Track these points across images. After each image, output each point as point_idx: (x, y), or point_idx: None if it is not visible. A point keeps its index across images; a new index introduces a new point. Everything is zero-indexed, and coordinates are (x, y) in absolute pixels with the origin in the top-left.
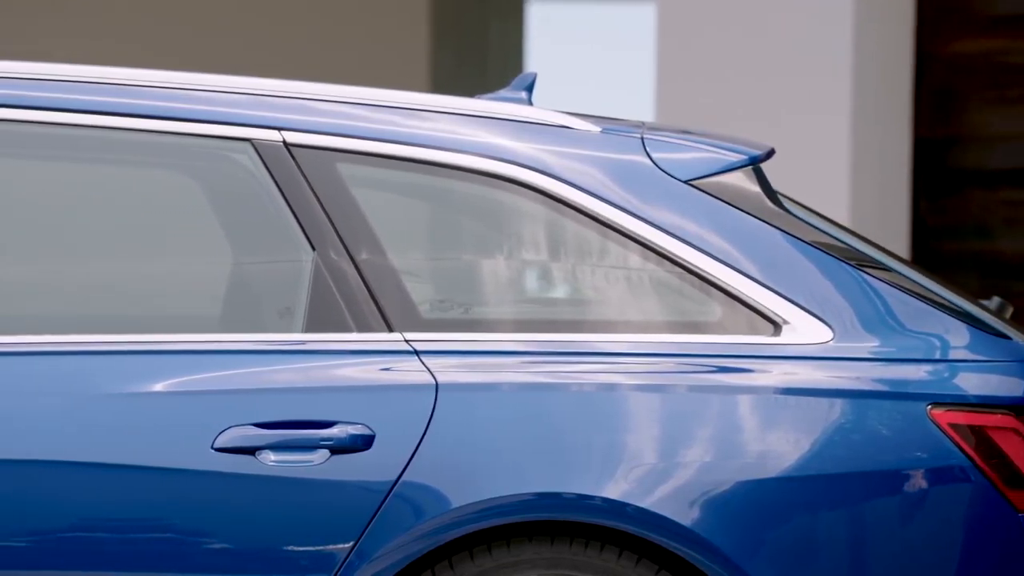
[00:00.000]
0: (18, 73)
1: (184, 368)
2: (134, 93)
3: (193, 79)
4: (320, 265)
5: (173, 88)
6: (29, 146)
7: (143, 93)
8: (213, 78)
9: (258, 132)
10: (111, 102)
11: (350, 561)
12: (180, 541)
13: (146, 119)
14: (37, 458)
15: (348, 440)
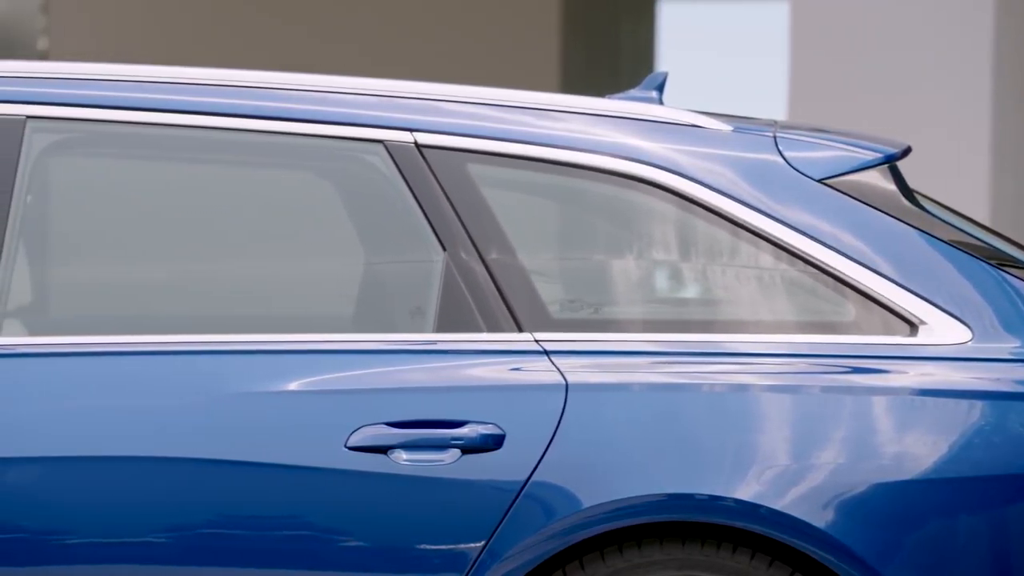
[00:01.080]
0: (155, 77)
1: (317, 368)
2: (268, 96)
3: (326, 82)
4: (451, 265)
5: (307, 91)
6: (167, 149)
7: (277, 96)
8: (346, 80)
9: (390, 133)
10: (246, 105)
11: (482, 560)
12: (314, 539)
13: (280, 121)
14: (174, 455)
15: (479, 440)
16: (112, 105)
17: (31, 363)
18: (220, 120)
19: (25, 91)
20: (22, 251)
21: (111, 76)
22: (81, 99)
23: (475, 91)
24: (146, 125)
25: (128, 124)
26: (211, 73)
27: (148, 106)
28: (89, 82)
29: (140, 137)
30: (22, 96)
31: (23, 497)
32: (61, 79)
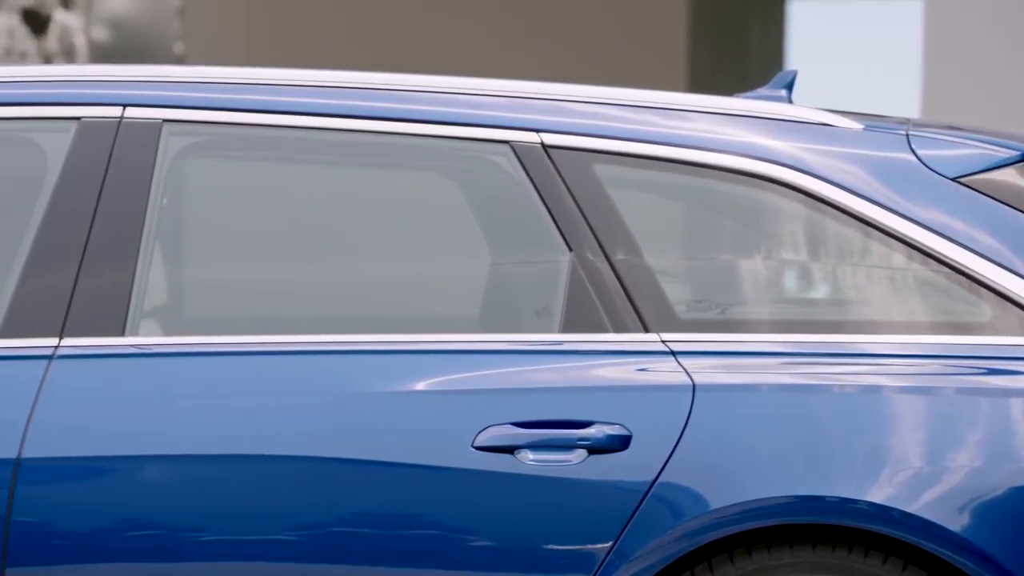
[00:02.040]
0: (287, 81)
1: (444, 368)
2: (397, 98)
3: (453, 83)
4: (577, 265)
5: (434, 92)
6: (298, 151)
7: (405, 98)
8: (473, 81)
9: (516, 134)
10: (375, 107)
11: (609, 561)
12: (442, 538)
13: (408, 123)
14: (303, 455)
15: (605, 440)
16: (245, 108)
17: (167, 362)
18: (350, 122)
19: (161, 95)
20: (158, 252)
21: (244, 80)
22: (215, 102)
23: (601, 91)
24: (278, 128)
25: (260, 127)
26: (341, 76)
27: (280, 109)
28: (223, 86)
29: (272, 139)
30: (158, 100)
31: (157, 494)
32: (196, 83)
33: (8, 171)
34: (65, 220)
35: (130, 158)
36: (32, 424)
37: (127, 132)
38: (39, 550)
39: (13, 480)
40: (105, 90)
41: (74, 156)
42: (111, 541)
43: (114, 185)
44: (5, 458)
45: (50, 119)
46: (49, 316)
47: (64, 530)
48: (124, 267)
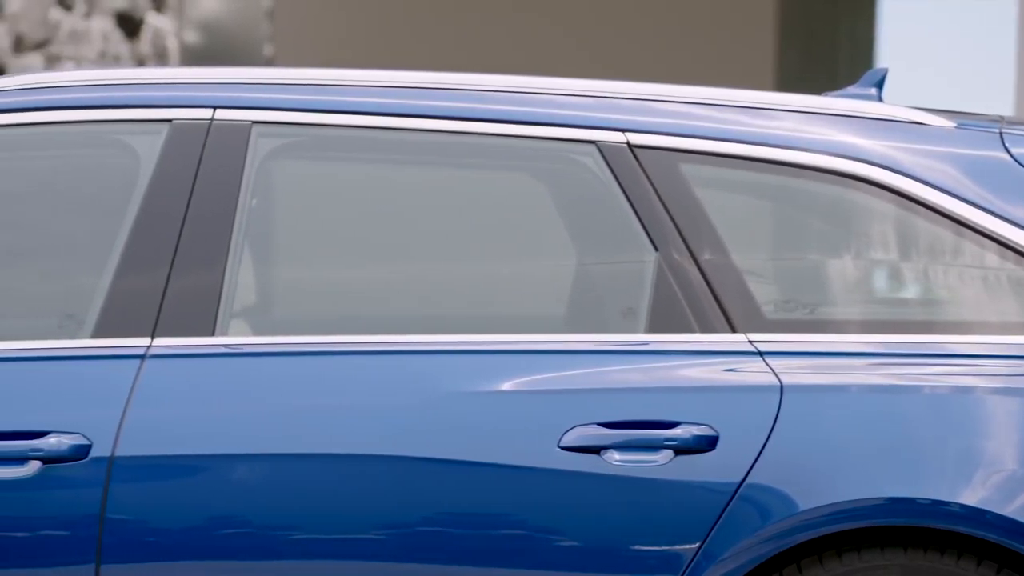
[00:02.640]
0: (376, 82)
1: (530, 368)
2: (484, 98)
3: (540, 83)
4: (663, 265)
5: (521, 93)
6: (386, 152)
7: (492, 98)
8: (559, 82)
9: (602, 134)
10: (463, 108)
11: (697, 562)
12: (528, 538)
13: (495, 123)
14: (391, 454)
15: (692, 441)
16: (334, 109)
17: (256, 362)
18: (437, 123)
19: (250, 97)
20: (247, 253)
21: (333, 81)
22: (304, 104)
23: (688, 90)
24: (367, 129)
25: (349, 128)
26: (428, 77)
27: (368, 110)
28: (312, 87)
29: (361, 140)
30: (248, 102)
31: (247, 493)
32: (284, 84)
33: (102, 173)
34: (157, 221)
35: (220, 159)
36: (125, 423)
37: (217, 134)
38: (132, 547)
39: (107, 478)
40: (196, 92)
41: (166, 158)
42: (202, 539)
43: (204, 186)
44: (99, 456)
45: (142, 121)
46: (141, 316)
47: (157, 528)
48: (214, 268)
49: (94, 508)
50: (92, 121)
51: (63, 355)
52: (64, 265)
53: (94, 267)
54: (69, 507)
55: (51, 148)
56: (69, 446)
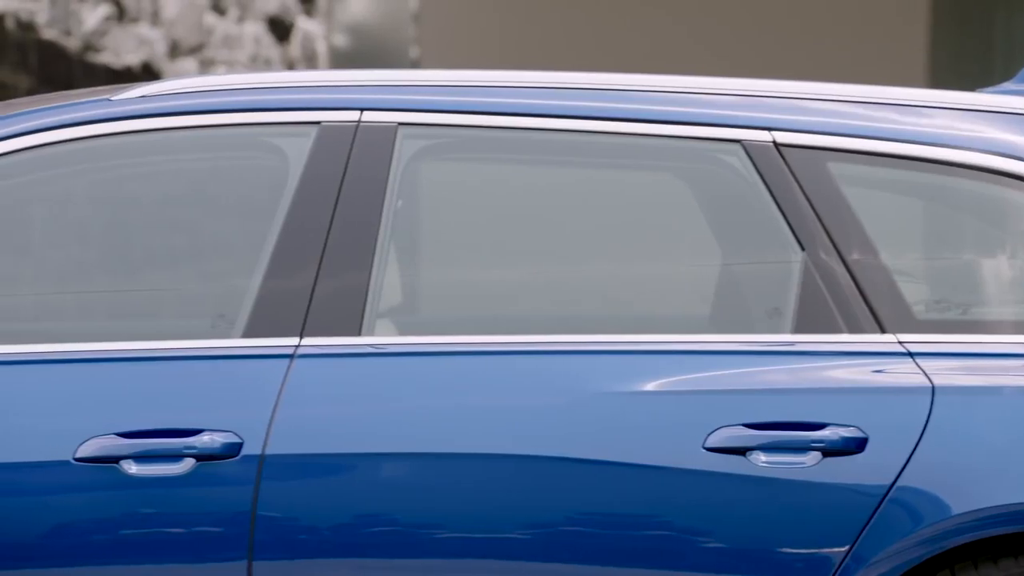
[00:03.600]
0: (520, 83)
1: (675, 368)
2: (628, 98)
3: (684, 82)
4: (809, 265)
5: (665, 92)
6: (530, 152)
7: (636, 98)
8: (704, 80)
9: (748, 133)
10: (606, 107)
11: (846, 565)
12: (673, 539)
13: (639, 123)
14: (536, 454)
15: (840, 442)
16: (479, 111)
17: (402, 362)
18: (581, 123)
19: (396, 99)
20: (393, 254)
21: (478, 83)
22: (449, 105)
23: (835, 88)
24: (511, 129)
25: (493, 128)
26: (573, 77)
27: (513, 111)
28: (456, 88)
29: (504, 141)
30: (394, 104)
31: (394, 492)
32: (430, 86)
33: (252, 175)
34: (305, 222)
35: (367, 161)
36: (275, 421)
37: (364, 135)
38: (283, 544)
39: (258, 476)
40: (343, 95)
41: (314, 160)
42: (350, 537)
43: (351, 188)
44: (250, 454)
45: (292, 123)
46: (290, 317)
47: (307, 525)
48: (361, 268)
49: (246, 505)
50: (243, 124)
51: (215, 355)
52: (216, 266)
53: (245, 268)
54: (222, 504)
55: (204, 151)
56: (222, 444)
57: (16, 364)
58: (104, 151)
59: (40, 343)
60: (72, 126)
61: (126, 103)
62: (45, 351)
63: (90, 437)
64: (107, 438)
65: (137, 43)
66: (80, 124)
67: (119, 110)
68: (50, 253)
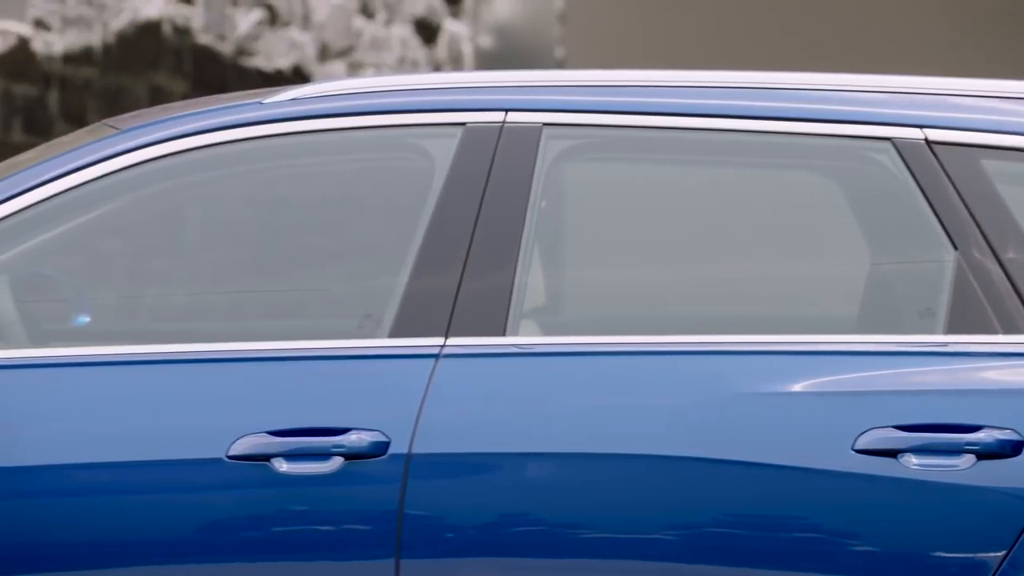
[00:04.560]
0: (664, 82)
1: (823, 369)
2: (774, 96)
3: (833, 80)
4: (963, 265)
5: (812, 90)
6: (674, 152)
7: (783, 96)
8: (852, 78)
9: (899, 131)
10: (752, 106)
11: (1003, 570)
12: (822, 542)
13: (786, 121)
14: (679, 454)
15: (995, 445)
16: (623, 110)
17: (546, 362)
18: (726, 122)
19: (541, 99)
20: (536, 254)
21: (622, 82)
22: (593, 105)
23: (988, 84)
24: (656, 129)
25: (638, 128)
26: (719, 76)
27: (658, 110)
28: (601, 88)
29: (649, 141)
30: (538, 104)
31: (538, 492)
32: (574, 86)
33: (399, 176)
34: (450, 223)
35: (511, 161)
36: (421, 421)
37: (509, 136)
38: (430, 543)
39: (405, 475)
40: (488, 96)
41: (459, 160)
42: (497, 536)
43: (496, 188)
44: (397, 453)
45: (438, 125)
46: (435, 317)
47: (453, 524)
48: (505, 269)
49: (393, 504)
50: (390, 126)
51: (362, 354)
52: (363, 267)
53: (391, 268)
54: (369, 502)
55: (352, 152)
56: (369, 443)
57: (171, 363)
58: (255, 153)
59: (194, 343)
60: (225, 129)
61: (277, 106)
62: (199, 350)
63: (243, 435)
64: (259, 436)
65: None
66: (232, 127)
67: (270, 113)
68: (203, 254)
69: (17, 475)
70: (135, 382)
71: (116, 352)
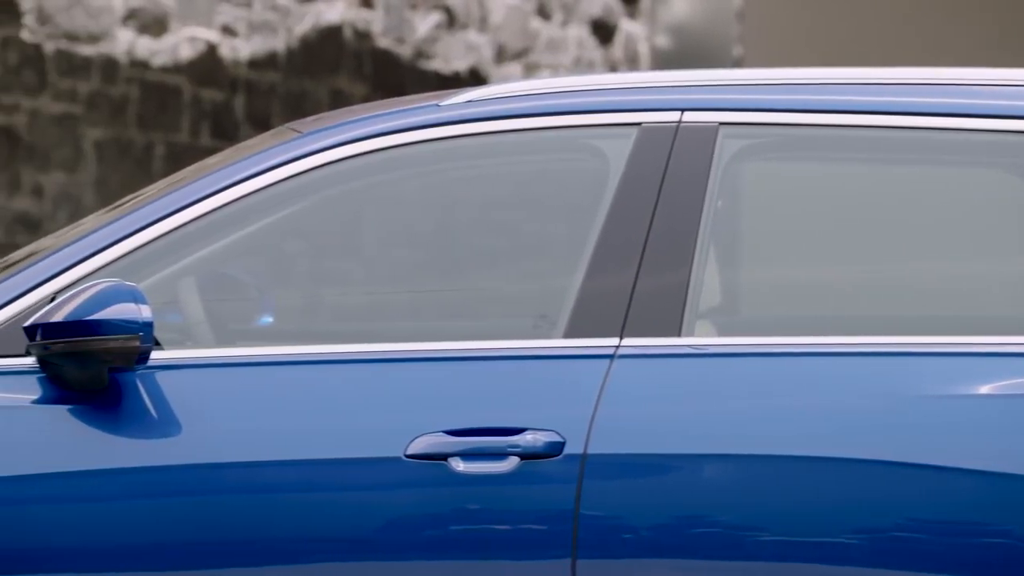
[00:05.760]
0: (844, 80)
1: (1001, 371)
2: (954, 93)
3: (1012, 75)
4: None
5: (992, 85)
6: (855, 150)
7: (963, 92)
8: None
9: None
10: (930, 103)
11: None
12: (1010, 548)
13: (966, 119)
14: (860, 457)
15: None
16: (800, 109)
17: (723, 363)
18: (907, 119)
19: (717, 98)
20: (712, 254)
21: (800, 80)
22: (771, 104)
23: None
24: (835, 127)
25: (817, 127)
26: (897, 72)
27: (837, 108)
28: (779, 87)
29: (828, 139)
30: (714, 103)
31: (715, 493)
32: (751, 85)
33: (574, 176)
34: (625, 224)
35: (687, 161)
36: (596, 421)
37: (684, 136)
38: (606, 544)
39: (580, 475)
40: (664, 95)
41: (634, 161)
42: (673, 538)
43: (671, 188)
44: (573, 453)
45: (612, 125)
46: (610, 317)
47: (629, 525)
48: (680, 269)
49: (568, 504)
50: (564, 127)
51: (537, 354)
52: (538, 267)
53: (566, 269)
54: (545, 502)
55: (527, 153)
56: (544, 443)
57: (351, 363)
58: (433, 155)
59: (373, 343)
60: (403, 131)
61: (454, 108)
62: (378, 350)
63: (420, 434)
64: (436, 436)
65: (465, 49)
66: (411, 129)
67: (447, 115)
68: (381, 254)
69: (207, 472)
70: (316, 381)
71: (298, 352)
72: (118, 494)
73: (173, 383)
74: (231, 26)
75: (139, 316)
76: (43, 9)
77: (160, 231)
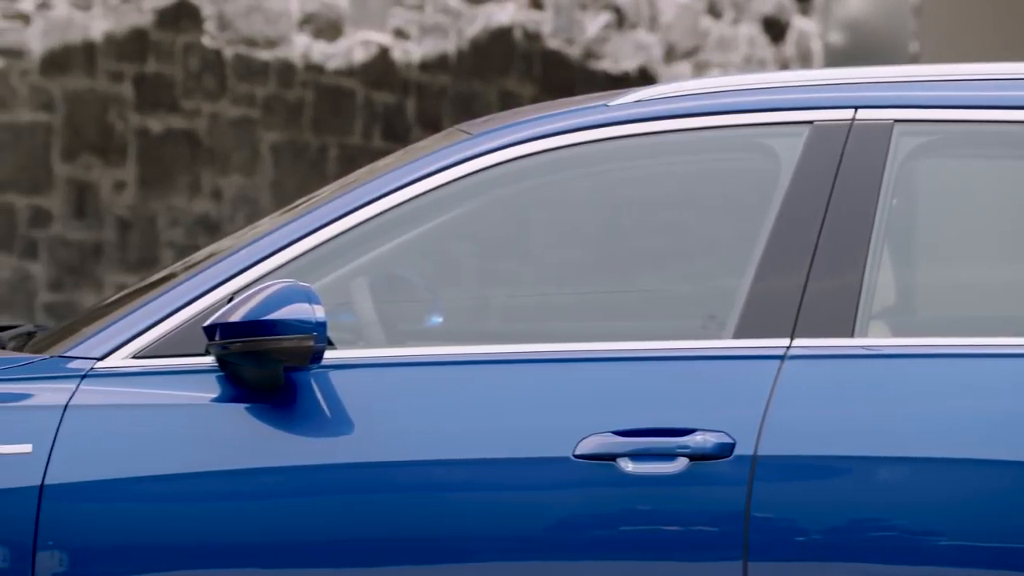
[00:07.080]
0: (1021, 75)
1: None
2: None
3: None
4: None
5: None
6: (991, 146)
7: None
8: None
9: None
10: None
11: None
12: None
13: None
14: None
15: None
16: (980, 105)
17: (897, 364)
18: None
19: (892, 95)
20: (886, 254)
21: (979, 75)
22: (948, 100)
23: None
24: (1015, 124)
25: (997, 123)
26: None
27: (1016, 104)
28: (957, 82)
29: (1008, 136)
30: (889, 101)
31: (894, 494)
32: (927, 81)
33: (743, 176)
34: (796, 223)
35: (860, 160)
36: (767, 422)
37: (858, 134)
38: (778, 546)
39: (751, 477)
40: (836, 93)
41: (806, 159)
42: (847, 541)
43: (844, 187)
44: (743, 455)
45: (784, 124)
46: (780, 317)
47: (801, 527)
48: (853, 269)
49: (739, 505)
50: (734, 126)
51: (707, 355)
52: (707, 267)
53: (735, 269)
54: (715, 503)
55: (696, 153)
56: (714, 444)
57: (520, 363)
58: (601, 155)
59: (541, 343)
60: (572, 132)
61: (622, 108)
62: (546, 350)
63: (589, 434)
64: (604, 436)
65: (635, 48)
66: (579, 130)
67: (615, 115)
68: (549, 255)
69: (378, 470)
70: (485, 381)
71: (467, 352)
72: (292, 491)
73: (346, 382)
74: (403, 29)
75: (313, 316)
76: (223, 15)
77: (333, 232)
